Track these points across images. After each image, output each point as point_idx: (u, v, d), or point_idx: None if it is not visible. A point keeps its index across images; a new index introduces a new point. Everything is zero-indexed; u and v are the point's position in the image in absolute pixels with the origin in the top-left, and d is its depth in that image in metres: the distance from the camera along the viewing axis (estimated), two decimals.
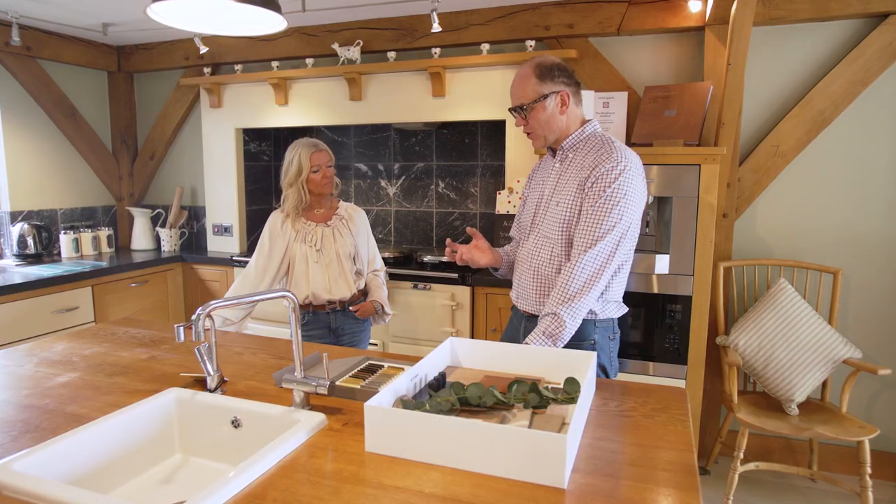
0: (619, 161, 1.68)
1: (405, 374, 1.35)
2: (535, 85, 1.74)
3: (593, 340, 1.80)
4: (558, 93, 1.74)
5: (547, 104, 1.75)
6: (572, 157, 1.80)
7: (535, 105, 1.75)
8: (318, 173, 2.42)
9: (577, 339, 1.79)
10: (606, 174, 1.67)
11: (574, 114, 1.79)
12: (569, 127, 1.80)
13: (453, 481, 1.08)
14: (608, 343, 1.84)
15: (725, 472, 2.91)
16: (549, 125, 1.78)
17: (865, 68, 2.69)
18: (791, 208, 2.92)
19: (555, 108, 1.76)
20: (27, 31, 3.59)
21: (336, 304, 2.47)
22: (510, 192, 3.22)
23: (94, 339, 1.99)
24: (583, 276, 1.67)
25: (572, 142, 1.80)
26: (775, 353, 2.63)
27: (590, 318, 1.79)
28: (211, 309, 1.28)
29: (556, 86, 1.74)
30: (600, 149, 1.73)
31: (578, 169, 1.75)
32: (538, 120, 1.77)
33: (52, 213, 3.92)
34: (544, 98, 1.74)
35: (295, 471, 1.11)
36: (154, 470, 1.35)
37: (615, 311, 1.84)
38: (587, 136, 1.80)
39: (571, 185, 1.75)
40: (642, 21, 2.96)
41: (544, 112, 1.76)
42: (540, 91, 1.74)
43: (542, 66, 1.74)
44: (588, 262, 1.67)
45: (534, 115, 1.76)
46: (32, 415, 1.37)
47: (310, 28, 3.62)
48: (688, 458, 1.16)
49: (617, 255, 1.69)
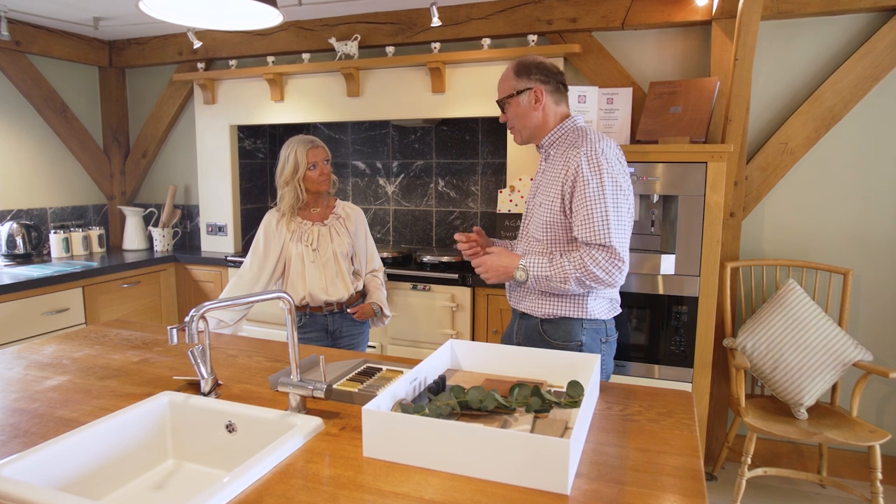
0: (591, 156, 1.69)
1: (404, 378, 1.34)
2: (511, 80, 1.84)
3: (580, 341, 1.78)
4: (531, 89, 1.81)
5: (521, 99, 1.83)
6: (553, 155, 1.84)
7: (510, 100, 1.84)
8: (315, 170, 2.37)
9: (564, 339, 1.78)
10: (581, 170, 1.69)
11: (552, 111, 1.85)
12: (546, 123, 1.85)
13: (453, 487, 1.06)
14: (599, 346, 1.81)
15: (733, 477, 2.87)
16: (522, 120, 1.85)
17: (876, 63, 2.65)
18: (800, 207, 2.87)
19: (528, 104, 1.83)
20: (16, 25, 3.54)
21: (334, 306, 2.42)
22: (511, 190, 3.16)
23: (84, 341, 1.97)
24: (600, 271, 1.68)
25: (552, 139, 1.86)
26: (784, 356, 2.59)
27: (576, 316, 1.77)
28: (205, 310, 1.27)
29: (531, 82, 1.82)
30: (572, 144, 1.76)
31: (557, 166, 1.78)
32: (514, 114, 1.86)
33: (41, 212, 3.86)
34: (518, 94, 1.82)
35: (291, 476, 1.10)
36: (146, 475, 1.34)
37: (606, 312, 1.82)
38: (565, 132, 1.84)
39: (552, 184, 1.77)
40: (647, 15, 2.92)
41: (518, 107, 1.84)
42: (515, 87, 1.83)
43: (521, 64, 1.84)
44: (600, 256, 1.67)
45: (510, 109, 1.86)
46: (22, 419, 1.36)
47: (306, 22, 3.57)
48: (694, 464, 1.15)
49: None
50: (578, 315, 1.77)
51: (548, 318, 1.81)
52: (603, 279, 1.66)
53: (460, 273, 3.05)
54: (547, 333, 1.81)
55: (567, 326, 1.78)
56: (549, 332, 1.80)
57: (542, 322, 1.82)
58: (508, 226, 3.16)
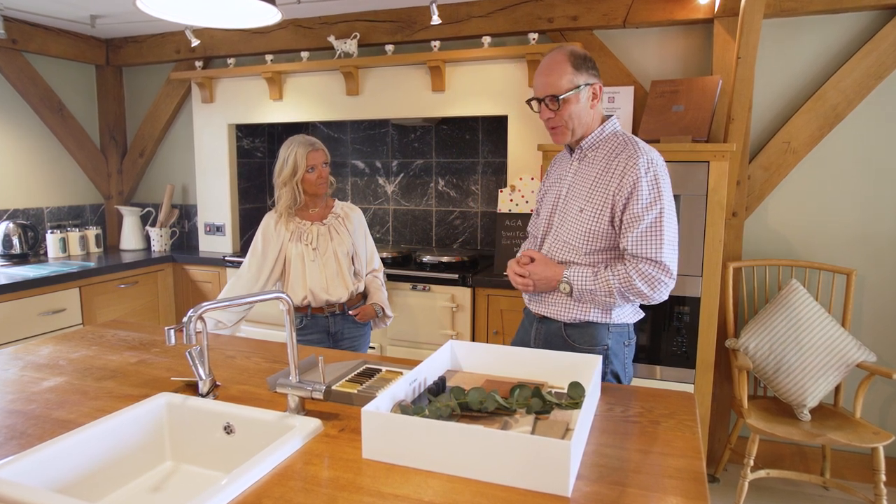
0: (649, 168, 1.62)
1: (404, 379, 1.34)
2: (570, 74, 1.65)
3: (606, 346, 1.73)
4: (591, 84, 1.68)
5: (581, 96, 1.67)
6: (591, 157, 1.73)
7: (569, 96, 1.66)
8: (314, 173, 2.35)
9: (589, 344, 1.73)
10: (639, 182, 1.61)
11: (598, 109, 1.74)
12: (593, 123, 1.73)
13: (453, 489, 1.06)
14: (622, 349, 1.77)
15: (735, 479, 2.85)
16: (579, 118, 1.69)
17: (879, 62, 2.63)
18: (803, 206, 2.86)
19: (587, 101, 1.69)
20: (13, 23, 3.51)
21: (335, 308, 2.40)
22: (512, 189, 3.14)
23: (81, 342, 1.96)
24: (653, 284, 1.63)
25: (592, 141, 1.74)
26: (787, 357, 2.57)
27: (603, 321, 1.72)
28: (203, 311, 1.26)
29: (590, 77, 1.68)
30: (623, 151, 1.66)
31: (598, 171, 1.69)
32: (570, 112, 1.68)
33: (38, 211, 3.84)
34: (578, 89, 1.66)
35: (290, 478, 1.10)
36: (144, 477, 1.34)
37: (631, 316, 1.78)
38: (607, 136, 1.73)
39: (597, 191, 1.68)
40: (649, 13, 2.90)
41: (577, 104, 1.67)
42: (575, 81, 1.65)
43: (577, 55, 1.67)
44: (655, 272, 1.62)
45: (566, 106, 1.67)
46: (18, 420, 1.35)
47: (305, 20, 3.55)
48: (696, 466, 1.15)
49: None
50: (605, 320, 1.72)
51: (573, 323, 1.75)
52: (647, 294, 1.61)
53: (460, 273, 3.03)
54: (571, 338, 1.75)
55: (593, 331, 1.72)
56: (574, 337, 1.75)
57: (566, 326, 1.76)
58: (509, 225, 3.14)
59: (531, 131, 3.13)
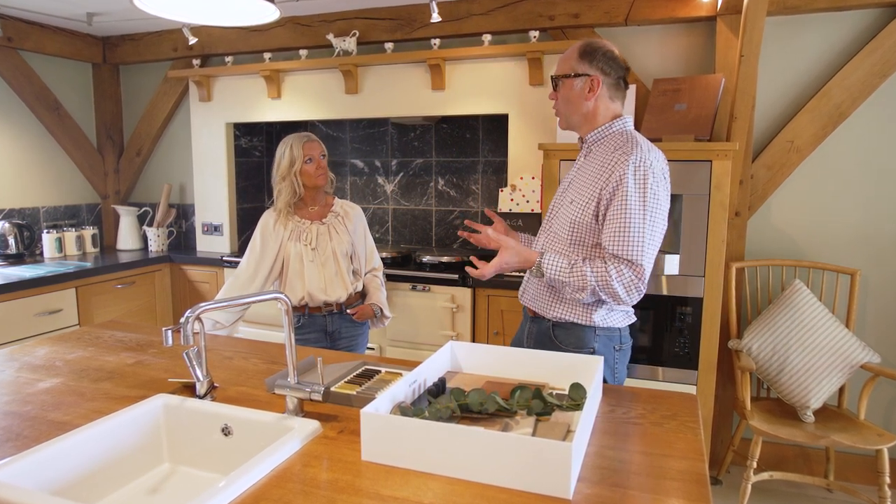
0: (639, 166, 1.59)
1: (403, 380, 1.33)
2: (573, 61, 1.71)
3: (592, 349, 1.72)
4: (589, 76, 1.69)
5: (575, 83, 1.71)
6: (595, 152, 1.74)
7: (564, 80, 1.72)
8: (312, 164, 2.34)
9: (575, 346, 1.72)
10: (625, 180, 1.59)
11: (605, 106, 1.73)
12: (595, 117, 1.74)
13: (453, 491, 1.06)
14: (612, 354, 1.75)
15: (738, 481, 2.83)
16: (570, 105, 1.74)
17: (884, 60, 2.61)
18: (806, 206, 2.84)
19: (581, 91, 1.71)
20: (8, 21, 3.49)
21: (333, 307, 2.38)
22: (513, 189, 3.12)
23: (78, 342, 1.95)
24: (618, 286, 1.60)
25: (598, 135, 1.75)
26: (790, 358, 2.56)
27: (588, 324, 1.70)
28: (200, 311, 1.26)
29: (592, 69, 1.69)
30: (620, 148, 1.65)
31: (596, 166, 1.69)
32: (563, 97, 1.74)
33: (34, 211, 3.81)
34: (575, 76, 1.70)
35: (288, 480, 1.09)
36: (141, 479, 1.33)
37: (621, 321, 1.75)
38: (613, 133, 1.73)
39: (588, 184, 1.68)
40: (651, 11, 2.88)
41: (571, 90, 1.72)
42: (574, 68, 1.71)
43: (588, 46, 1.71)
44: (624, 272, 1.58)
45: (562, 90, 1.74)
46: (14, 422, 1.35)
47: (303, 18, 3.53)
48: (698, 468, 1.14)
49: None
50: (585, 322, 1.70)
51: (559, 323, 1.75)
52: (621, 296, 1.59)
53: (460, 273, 3.01)
54: (558, 338, 1.75)
55: (579, 332, 1.71)
56: (561, 338, 1.75)
57: (553, 326, 1.76)
58: (510, 225, 3.12)
59: (532, 130, 3.11)
